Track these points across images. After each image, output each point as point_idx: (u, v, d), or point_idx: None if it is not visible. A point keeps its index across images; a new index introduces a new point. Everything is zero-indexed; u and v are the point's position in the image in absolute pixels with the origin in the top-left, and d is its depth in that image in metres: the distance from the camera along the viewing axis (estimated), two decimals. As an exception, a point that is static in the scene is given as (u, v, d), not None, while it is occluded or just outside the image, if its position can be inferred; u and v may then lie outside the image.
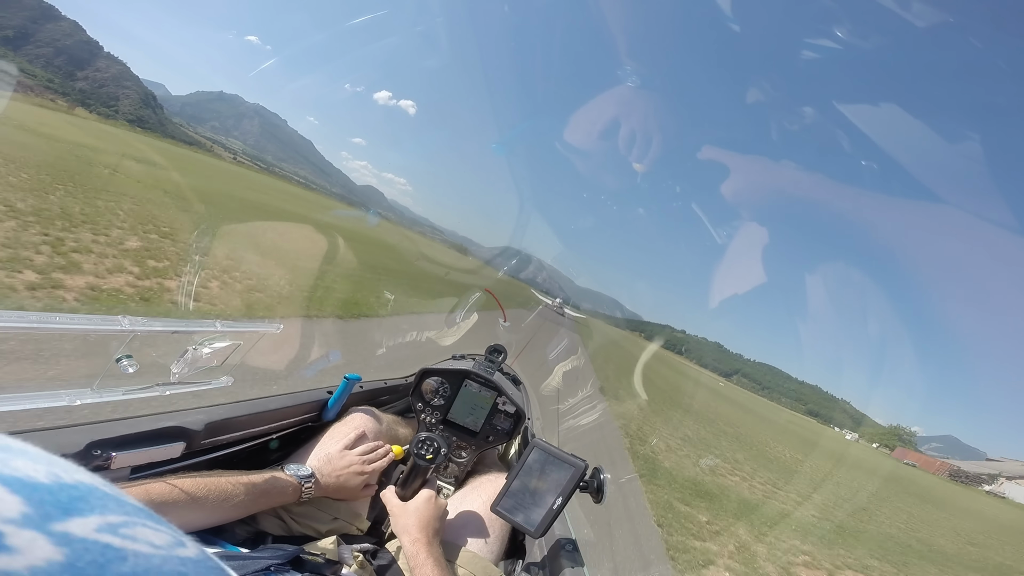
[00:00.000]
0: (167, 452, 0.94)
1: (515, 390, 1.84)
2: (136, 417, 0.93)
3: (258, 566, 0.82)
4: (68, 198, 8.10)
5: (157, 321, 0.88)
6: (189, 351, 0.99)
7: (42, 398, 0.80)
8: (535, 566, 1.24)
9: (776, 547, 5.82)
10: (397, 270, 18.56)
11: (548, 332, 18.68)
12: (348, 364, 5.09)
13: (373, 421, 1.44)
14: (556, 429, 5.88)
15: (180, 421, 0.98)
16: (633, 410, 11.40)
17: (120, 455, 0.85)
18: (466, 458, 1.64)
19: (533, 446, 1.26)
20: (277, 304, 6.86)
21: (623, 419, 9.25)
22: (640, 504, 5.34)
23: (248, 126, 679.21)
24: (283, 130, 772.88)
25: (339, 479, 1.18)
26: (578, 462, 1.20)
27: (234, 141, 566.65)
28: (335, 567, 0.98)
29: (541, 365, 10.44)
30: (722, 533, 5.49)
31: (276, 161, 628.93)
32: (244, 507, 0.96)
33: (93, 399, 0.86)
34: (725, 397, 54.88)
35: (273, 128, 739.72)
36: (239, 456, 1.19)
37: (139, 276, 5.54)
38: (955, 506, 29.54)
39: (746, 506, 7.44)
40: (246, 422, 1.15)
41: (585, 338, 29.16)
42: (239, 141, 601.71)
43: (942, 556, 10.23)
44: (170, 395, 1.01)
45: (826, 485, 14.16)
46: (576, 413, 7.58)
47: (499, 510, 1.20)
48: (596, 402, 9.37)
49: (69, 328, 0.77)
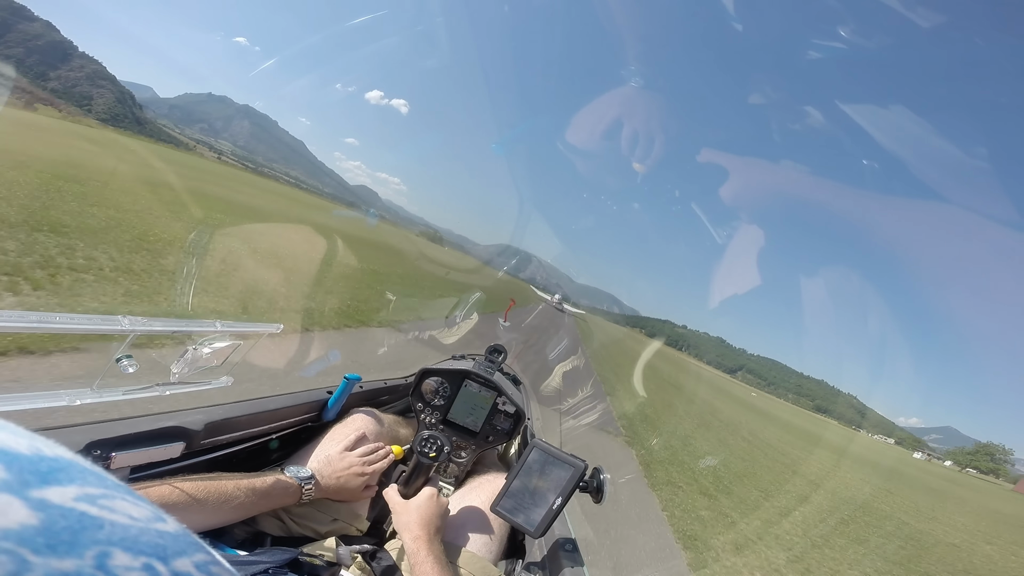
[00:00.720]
0: (167, 452, 0.96)
1: (515, 390, 1.86)
2: (136, 417, 0.94)
3: (256, 569, 0.83)
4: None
5: (157, 321, 0.89)
6: (189, 351, 1.00)
7: (42, 398, 0.81)
8: (535, 566, 1.25)
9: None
10: (390, 272, 18.36)
11: (547, 333, 18.67)
12: (348, 364, 5.09)
13: (373, 422, 1.45)
14: (558, 429, 5.88)
15: (180, 421, 0.99)
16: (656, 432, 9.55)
17: (120, 455, 0.86)
18: (466, 458, 1.66)
19: (533, 446, 1.27)
20: (273, 311, 6.79)
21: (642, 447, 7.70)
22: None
23: (237, 127, 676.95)
24: (273, 131, 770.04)
25: (339, 480, 1.19)
26: (578, 462, 1.22)
27: (223, 142, 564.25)
28: (334, 569, 1.00)
29: (542, 364, 10.42)
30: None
31: (267, 162, 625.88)
32: (244, 509, 0.97)
33: (93, 399, 0.88)
34: (766, 414, 45.29)
35: (263, 129, 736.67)
36: (239, 456, 1.20)
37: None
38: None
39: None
40: (246, 422, 1.17)
41: (585, 337, 28.88)
42: (228, 142, 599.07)
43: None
44: (170, 395, 1.02)
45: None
46: (577, 412, 7.56)
47: (499, 510, 1.21)
48: (597, 402, 9.24)
49: (69, 328, 0.78)
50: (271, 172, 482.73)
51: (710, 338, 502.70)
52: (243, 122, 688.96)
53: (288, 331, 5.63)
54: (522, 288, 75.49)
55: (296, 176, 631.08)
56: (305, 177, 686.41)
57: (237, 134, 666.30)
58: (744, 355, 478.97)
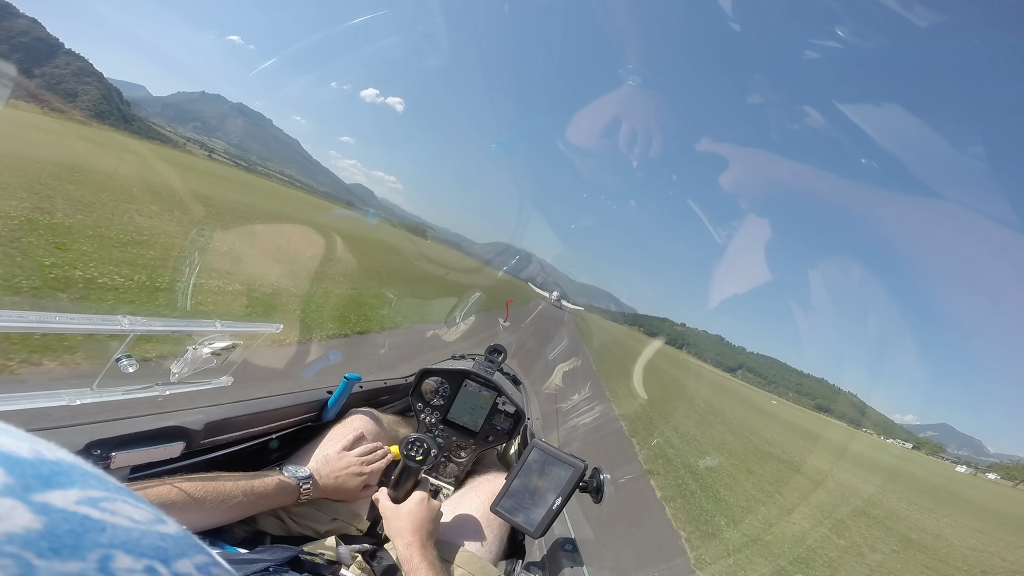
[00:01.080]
0: (167, 452, 0.96)
1: (515, 390, 1.87)
2: (136, 417, 0.95)
3: (257, 567, 0.84)
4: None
5: (157, 321, 0.90)
6: (189, 351, 1.01)
7: (42, 397, 0.82)
8: (535, 566, 1.26)
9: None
10: (391, 271, 18.10)
11: (546, 334, 18.61)
12: (348, 364, 5.08)
13: (373, 421, 1.46)
14: (556, 429, 5.87)
15: (180, 421, 1.00)
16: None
17: (120, 455, 0.87)
18: (466, 458, 1.67)
19: (533, 446, 1.28)
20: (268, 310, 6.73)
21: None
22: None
23: (231, 126, 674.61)
24: (267, 129, 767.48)
25: (337, 480, 1.20)
26: (577, 462, 1.23)
27: (216, 141, 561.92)
28: (334, 568, 1.01)
29: (543, 365, 10.38)
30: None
31: (260, 160, 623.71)
32: (243, 509, 0.99)
33: (93, 399, 0.88)
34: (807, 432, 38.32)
35: (258, 127, 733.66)
36: (239, 456, 1.21)
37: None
38: None
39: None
40: (246, 422, 1.17)
41: (585, 336, 28.63)
42: (222, 141, 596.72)
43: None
44: (170, 395, 1.02)
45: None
46: (579, 412, 7.55)
47: (499, 510, 1.22)
48: (597, 403, 9.15)
49: (69, 328, 0.79)
50: (264, 170, 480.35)
51: (709, 336, 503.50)
52: (237, 120, 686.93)
53: (288, 331, 5.59)
54: (520, 287, 74.86)
55: (290, 174, 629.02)
56: (300, 175, 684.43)
57: (231, 132, 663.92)
58: (744, 353, 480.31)
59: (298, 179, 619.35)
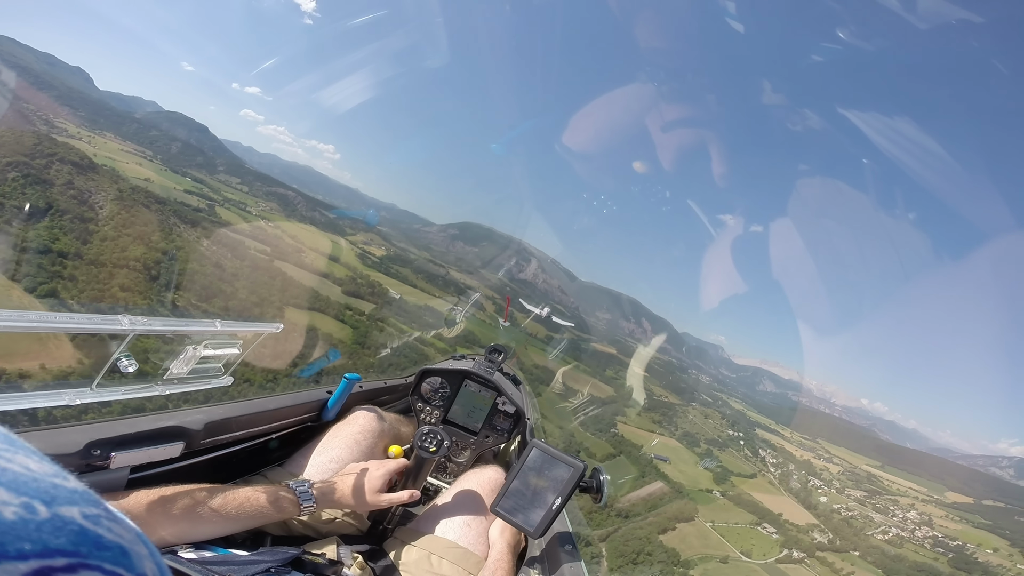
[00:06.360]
0: (166, 452, 0.98)
1: (515, 390, 1.89)
2: (136, 417, 0.96)
3: (258, 568, 0.85)
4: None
5: (157, 320, 0.91)
6: (189, 351, 1.02)
7: (42, 397, 0.82)
8: (534, 561, 1.28)
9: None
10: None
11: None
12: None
13: (376, 419, 1.48)
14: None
15: (180, 421, 1.01)
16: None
17: (119, 454, 0.88)
18: (466, 458, 1.69)
19: (532, 446, 1.30)
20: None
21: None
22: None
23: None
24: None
25: (356, 497, 1.19)
26: (577, 463, 1.24)
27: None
28: (335, 568, 1.02)
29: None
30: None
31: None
32: (241, 524, 1.01)
33: (93, 398, 0.89)
34: None
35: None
36: (239, 456, 1.23)
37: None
38: None
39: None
40: (246, 422, 1.19)
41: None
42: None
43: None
44: (170, 395, 1.04)
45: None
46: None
47: (499, 510, 1.24)
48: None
49: (69, 327, 0.80)
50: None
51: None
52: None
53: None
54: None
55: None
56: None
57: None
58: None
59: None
